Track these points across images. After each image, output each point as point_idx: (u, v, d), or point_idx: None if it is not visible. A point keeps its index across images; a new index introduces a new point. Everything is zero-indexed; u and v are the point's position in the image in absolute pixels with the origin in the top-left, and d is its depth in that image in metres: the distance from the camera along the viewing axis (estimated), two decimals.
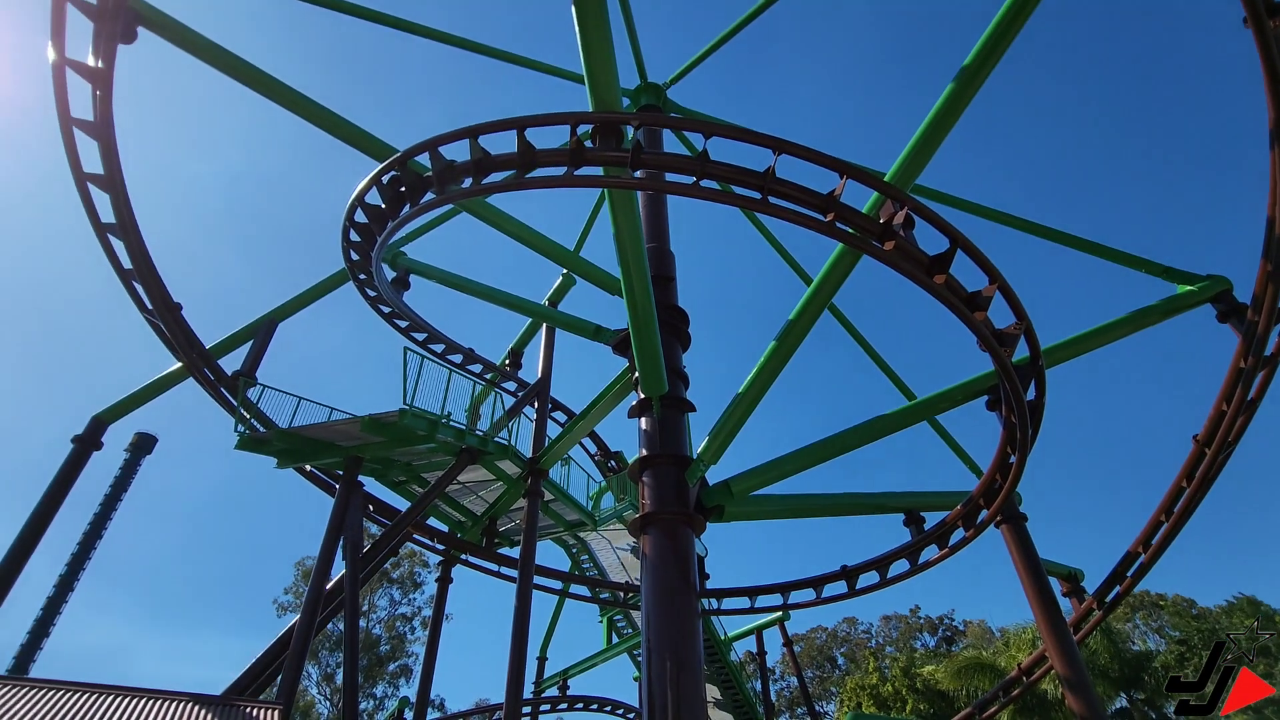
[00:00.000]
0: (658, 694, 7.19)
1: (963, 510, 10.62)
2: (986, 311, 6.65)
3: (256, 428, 13.18)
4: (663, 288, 11.51)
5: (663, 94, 16.83)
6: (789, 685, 55.58)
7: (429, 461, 14.49)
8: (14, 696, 7.27)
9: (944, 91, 7.57)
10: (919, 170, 7.80)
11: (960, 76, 7.47)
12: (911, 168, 7.70)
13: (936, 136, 7.66)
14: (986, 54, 7.40)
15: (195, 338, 13.31)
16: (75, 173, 9.84)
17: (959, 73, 7.52)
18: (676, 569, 8.28)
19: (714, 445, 9.12)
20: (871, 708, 36.85)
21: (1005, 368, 7.04)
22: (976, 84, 7.45)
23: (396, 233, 8.41)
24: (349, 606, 11.69)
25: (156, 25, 9.03)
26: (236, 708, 8.23)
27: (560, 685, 25.52)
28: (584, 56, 6.80)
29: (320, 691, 42.93)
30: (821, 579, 13.22)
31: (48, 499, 12.25)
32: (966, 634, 51.70)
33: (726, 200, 6.52)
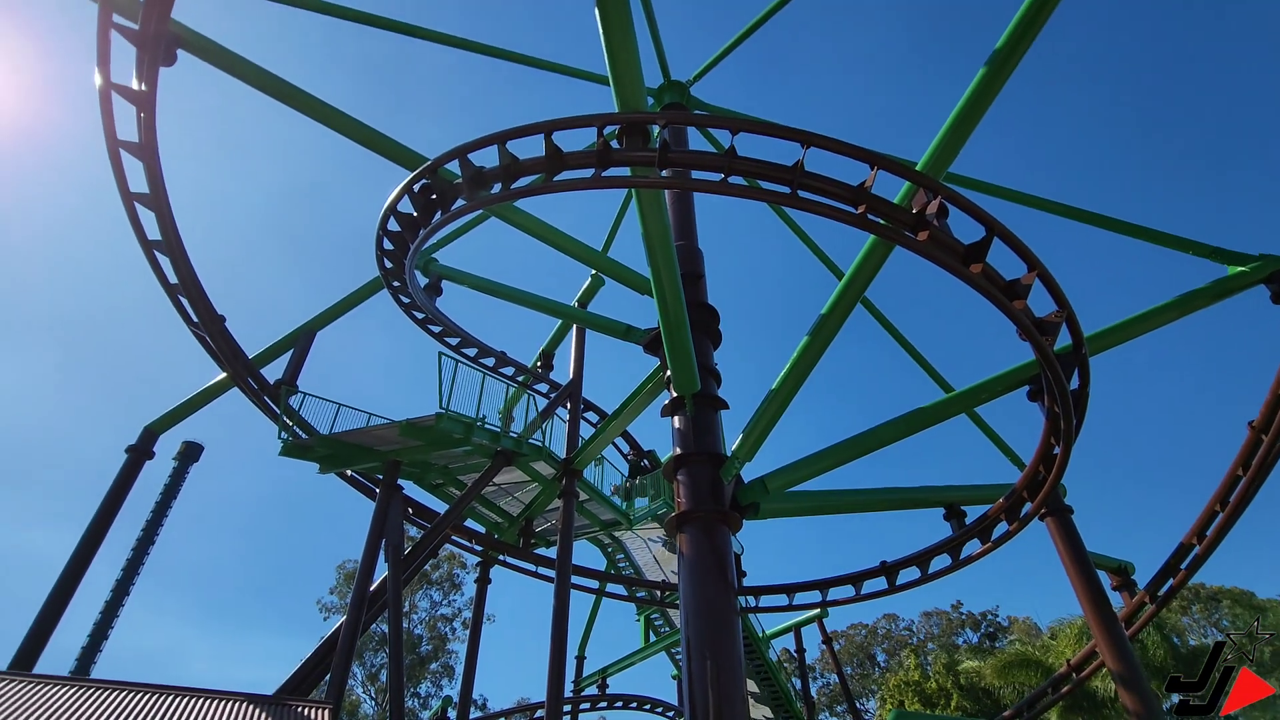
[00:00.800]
0: (698, 693, 7.18)
1: (1005, 503, 10.38)
2: (1026, 300, 6.50)
3: (299, 434, 13.51)
4: (692, 285, 11.49)
5: (687, 92, 16.78)
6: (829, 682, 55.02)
7: (465, 464, 14.70)
8: (78, 697, 7.59)
9: (975, 77, 7.40)
10: (952, 158, 7.64)
11: (992, 60, 7.30)
12: (944, 156, 7.55)
13: (969, 123, 7.49)
14: (1019, 36, 7.21)
15: (239, 349, 13.71)
16: (123, 193, 10.20)
17: (991, 56, 7.34)
18: (714, 567, 8.25)
19: (748, 442, 9.07)
20: (915, 705, 36.24)
21: (1047, 357, 6.87)
22: (1009, 68, 7.27)
23: (428, 240, 8.55)
24: (392, 608, 11.93)
25: (195, 47, 9.32)
26: (289, 707, 8.46)
27: (599, 684, 25.65)
28: (608, 58, 6.82)
29: (366, 691, 43.87)
30: (860, 575, 13.05)
31: (105, 507, 12.77)
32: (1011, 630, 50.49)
33: (755, 196, 6.48)
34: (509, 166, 6.89)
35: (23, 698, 7.16)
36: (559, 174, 6.78)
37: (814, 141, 6.25)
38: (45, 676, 8.10)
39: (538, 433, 14.70)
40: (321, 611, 46.05)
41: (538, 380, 19.86)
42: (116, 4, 8.39)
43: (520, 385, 18.14)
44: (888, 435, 9.65)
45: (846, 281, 8.65)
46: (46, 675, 8.19)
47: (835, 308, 8.83)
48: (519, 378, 19.13)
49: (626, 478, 20.88)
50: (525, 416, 15.43)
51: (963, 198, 6.35)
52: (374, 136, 10.01)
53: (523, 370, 19.38)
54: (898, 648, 56.42)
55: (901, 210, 6.35)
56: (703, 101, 16.93)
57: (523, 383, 18.72)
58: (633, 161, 6.69)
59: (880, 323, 17.54)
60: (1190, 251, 12.06)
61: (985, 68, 7.35)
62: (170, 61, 8.86)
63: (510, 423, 15.06)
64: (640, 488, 22.68)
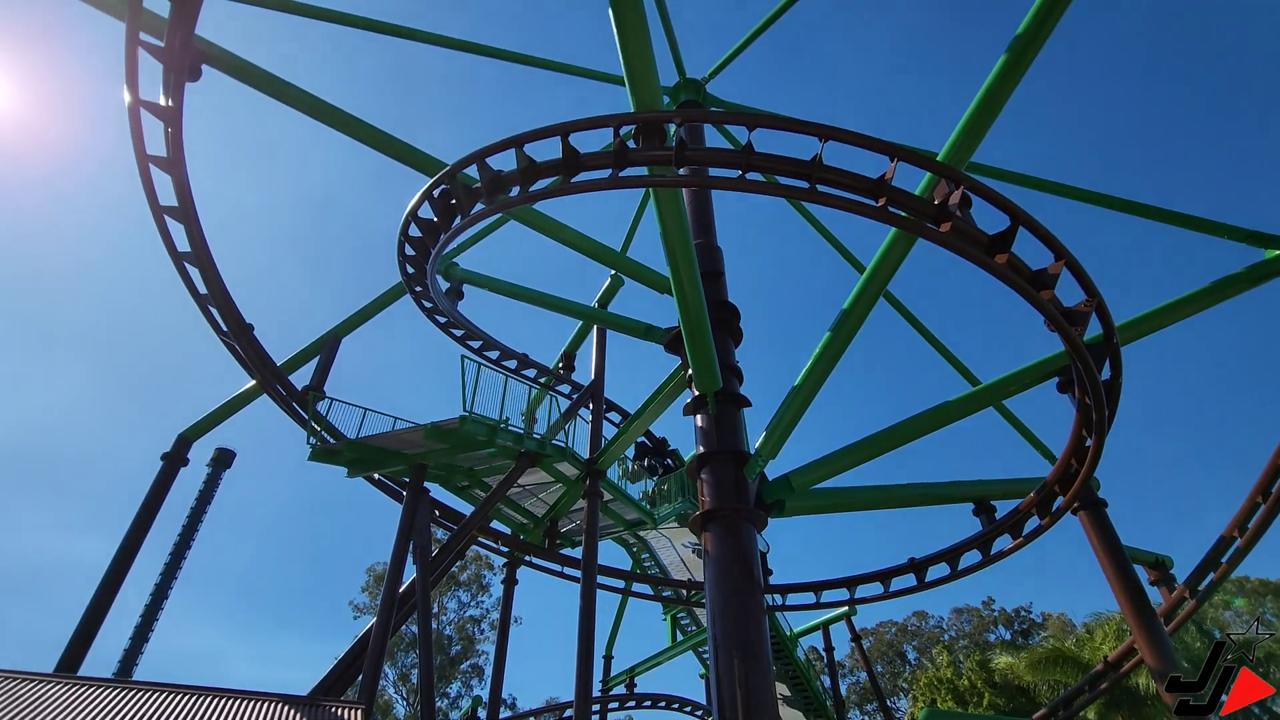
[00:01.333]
0: (727, 692, 7.16)
1: (1036, 498, 10.18)
2: (1054, 290, 6.37)
3: (327, 439, 13.74)
4: (712, 283, 11.46)
5: (703, 89, 16.74)
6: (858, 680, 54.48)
7: (490, 466, 14.81)
8: (122, 699, 7.79)
9: (997, 63, 7.28)
10: (974, 147, 7.52)
11: (1014, 46, 7.18)
12: (965, 145, 7.44)
13: (990, 111, 7.38)
14: (1041, 20, 7.08)
15: (267, 356, 13.97)
16: (153, 207, 10.45)
17: (1012, 42, 7.22)
18: (740, 566, 8.22)
19: (772, 440, 9.02)
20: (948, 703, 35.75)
21: (1077, 347, 6.72)
22: (1032, 53, 7.14)
23: (449, 244, 8.63)
24: (421, 609, 12.06)
25: (219, 62, 9.53)
26: (323, 707, 8.61)
27: (627, 683, 25.69)
28: (623, 58, 6.83)
29: (397, 691, 44.42)
30: (889, 572, 12.89)
31: (142, 513, 13.09)
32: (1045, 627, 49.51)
33: (773, 191, 6.43)
34: (527, 169, 6.93)
35: (69, 699, 7.38)
36: (576, 175, 6.80)
37: (832, 135, 6.19)
38: (90, 679, 8.34)
39: (561, 434, 14.77)
40: (353, 612, 46.79)
41: (560, 381, 19.94)
42: (143, 23, 8.59)
43: (542, 387, 18.23)
44: (914, 430, 9.53)
45: (868, 276, 8.56)
46: (91, 677, 8.43)
47: (857, 302, 8.75)
48: (541, 379, 19.24)
49: (633, 459, 20.68)
50: (548, 418, 15.51)
51: (986, 187, 6.24)
52: (393, 144, 10.14)
53: (545, 372, 19.48)
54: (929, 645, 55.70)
55: (923, 202, 6.27)
56: (719, 98, 16.88)
57: (545, 384, 18.82)
58: (649, 161, 6.70)
59: (904, 317, 17.34)
60: (1225, 235, 11.72)
61: (1006, 54, 7.23)
62: (195, 77, 9.06)
63: (533, 424, 15.16)
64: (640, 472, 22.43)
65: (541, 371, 19.37)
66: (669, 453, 23.06)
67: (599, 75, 16.97)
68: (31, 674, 7.85)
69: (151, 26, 8.72)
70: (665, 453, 21.47)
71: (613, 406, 22.02)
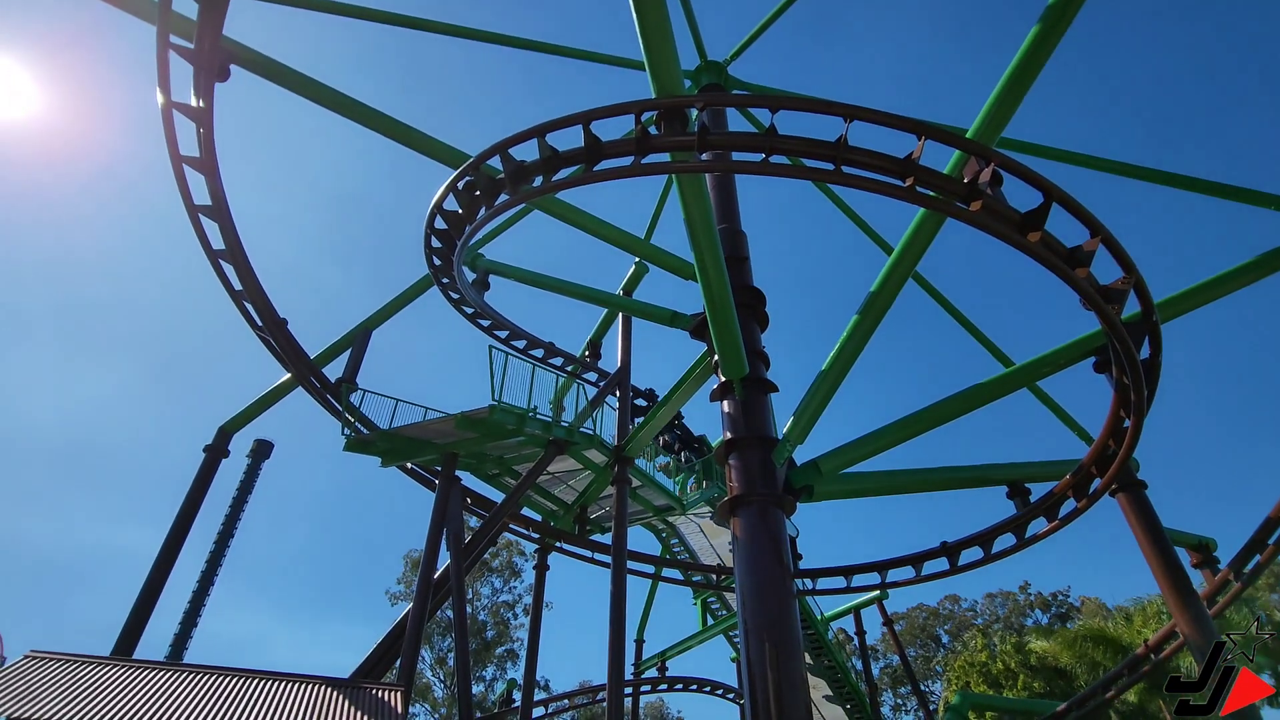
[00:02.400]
0: (758, 676, 7.20)
1: (1072, 480, 9.95)
2: (1089, 267, 6.20)
3: (361, 430, 14.02)
4: (737, 268, 11.35)
5: (724, 71, 16.52)
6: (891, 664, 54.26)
7: (519, 454, 14.99)
8: (175, 680, 8.13)
9: (1028, 35, 7.06)
10: (1004, 122, 7.33)
11: (1046, 16, 6.95)
12: (996, 120, 7.25)
13: (1022, 84, 7.17)
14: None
15: (301, 350, 14.28)
16: (187, 206, 10.71)
17: (1044, 13, 6.99)
18: (769, 551, 8.22)
19: (800, 424, 8.97)
20: (981, 686, 35.43)
21: (1114, 326, 6.54)
22: (1064, 23, 6.91)
23: (474, 236, 8.69)
24: (456, 595, 12.32)
25: (247, 62, 9.68)
26: (364, 690, 8.87)
27: (659, 667, 25.94)
28: (643, 43, 6.77)
29: (434, 674, 45.49)
30: (921, 556, 12.75)
31: (188, 503, 13.55)
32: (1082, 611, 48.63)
33: (798, 174, 6.36)
34: (549, 159, 6.93)
35: (126, 681, 7.72)
36: (599, 164, 6.79)
37: (857, 115, 6.07)
38: (144, 661, 8.71)
39: (588, 421, 14.87)
40: (390, 599, 47.95)
41: (587, 369, 20.04)
42: (173, 25, 8.76)
43: (570, 375, 18.34)
44: (945, 413, 9.38)
45: (896, 257, 8.43)
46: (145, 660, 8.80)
47: (885, 284, 8.62)
48: (568, 367, 19.36)
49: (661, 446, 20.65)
50: (576, 406, 15.62)
51: (1017, 163, 6.09)
52: (418, 137, 10.23)
53: (571, 360, 19.58)
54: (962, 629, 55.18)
55: (952, 180, 6.13)
56: (741, 81, 16.65)
57: (572, 372, 18.93)
58: (672, 147, 6.65)
59: (934, 297, 17.04)
60: (1272, 206, 11.27)
61: (1039, 24, 7.01)
62: (224, 77, 9.23)
63: (561, 412, 15.28)
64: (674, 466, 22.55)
65: (568, 360, 19.48)
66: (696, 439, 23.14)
67: (620, 61, 16.85)
68: (90, 657, 8.22)
69: (181, 29, 8.89)
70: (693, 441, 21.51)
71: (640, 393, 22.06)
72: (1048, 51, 7.02)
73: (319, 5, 12.80)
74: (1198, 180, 11.89)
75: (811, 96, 6.46)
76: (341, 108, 10.23)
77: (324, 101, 10.19)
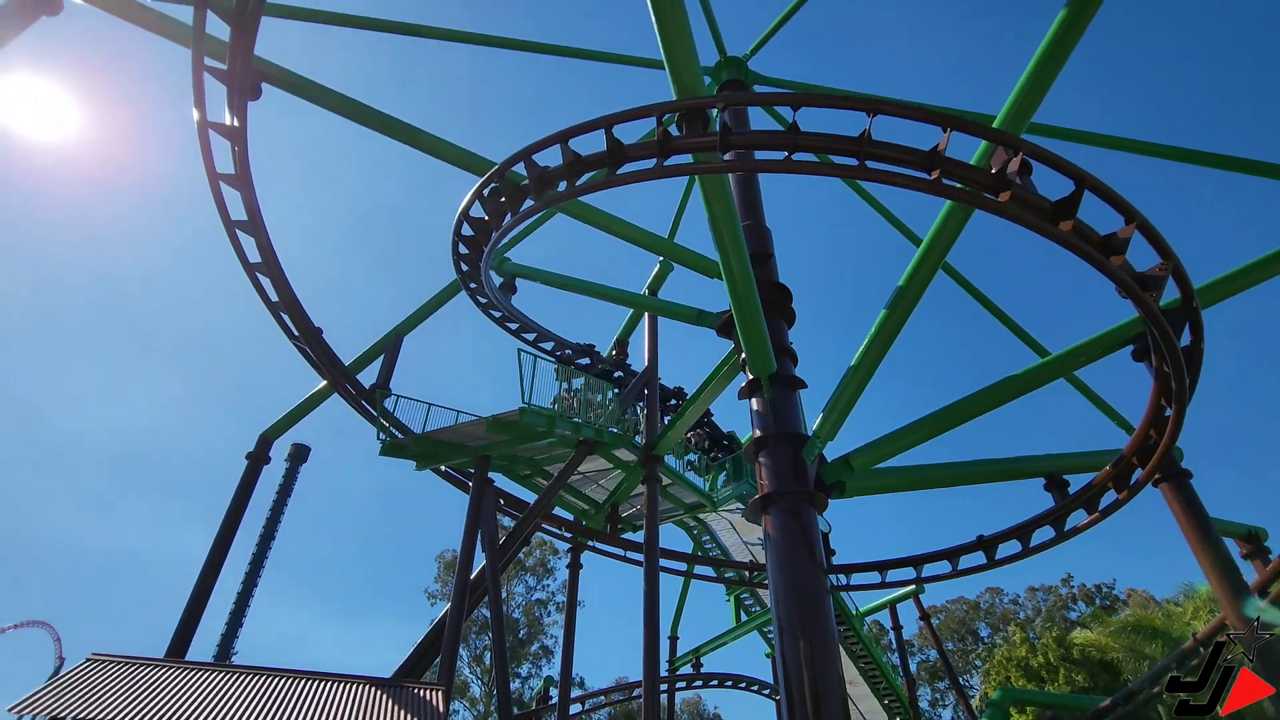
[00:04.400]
0: (793, 673, 7.18)
1: (1113, 471, 9.71)
2: (1125, 255, 6.05)
3: (395, 435, 14.30)
4: (762, 265, 11.30)
5: (745, 67, 16.42)
6: (928, 658, 53.50)
7: (550, 455, 15.15)
8: (225, 681, 8.41)
9: (1056, 19, 6.90)
10: (1033, 109, 7.17)
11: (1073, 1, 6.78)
12: (1024, 107, 7.09)
13: (1050, 70, 7.00)
14: None
15: (336, 358, 14.60)
16: (225, 222, 11.03)
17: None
18: (801, 548, 8.18)
19: (829, 421, 8.91)
20: (1022, 681, 34.76)
21: (1152, 314, 6.38)
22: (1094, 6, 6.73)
23: (500, 241, 8.80)
24: (492, 595, 12.51)
25: (277, 80, 9.93)
26: (405, 688, 9.08)
27: (694, 663, 25.98)
28: (662, 44, 6.78)
29: (472, 672, 46.16)
30: (956, 550, 12.58)
31: (233, 508, 13.98)
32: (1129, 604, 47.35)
33: (821, 171, 6.32)
34: (573, 164, 6.98)
35: (179, 682, 8.01)
36: (621, 167, 6.82)
37: (880, 109, 6.01)
38: (196, 663, 9.02)
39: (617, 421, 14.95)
40: (428, 599, 48.80)
41: (615, 369, 20.13)
42: (207, 48, 9.03)
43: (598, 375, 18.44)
44: (979, 405, 9.22)
45: (924, 249, 8.30)
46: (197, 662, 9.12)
47: (914, 277, 8.49)
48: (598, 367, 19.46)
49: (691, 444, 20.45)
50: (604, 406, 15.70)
51: (1046, 151, 5.96)
52: (443, 146, 10.38)
53: (599, 360, 19.68)
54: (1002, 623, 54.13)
55: (979, 171, 6.03)
56: (763, 75, 16.53)
57: (600, 372, 19.04)
58: (693, 148, 6.64)
59: (965, 288, 16.74)
60: None
61: (1066, 8, 6.84)
62: (256, 95, 9.47)
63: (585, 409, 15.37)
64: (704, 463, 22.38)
65: (596, 360, 19.59)
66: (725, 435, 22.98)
67: (640, 61, 16.85)
68: (148, 660, 8.55)
69: (214, 51, 9.16)
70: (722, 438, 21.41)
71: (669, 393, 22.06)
72: (1077, 35, 6.85)
73: (343, 21, 13.05)
74: (1239, 159, 11.48)
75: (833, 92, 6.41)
76: (368, 120, 10.43)
77: (351, 115, 10.40)
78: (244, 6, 8.43)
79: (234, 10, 8.41)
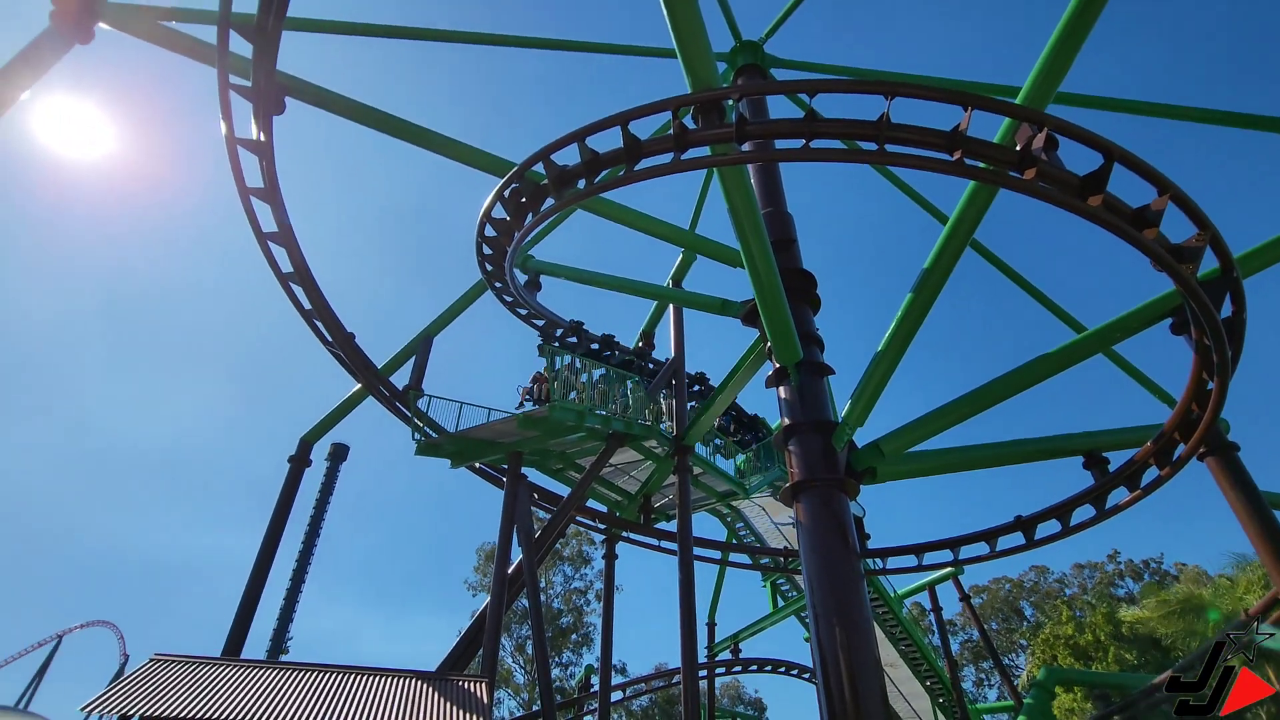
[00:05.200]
0: (830, 660, 7.21)
1: (1154, 447, 9.47)
2: (1159, 227, 5.89)
3: (430, 434, 14.59)
4: (785, 252, 11.20)
5: (760, 50, 16.21)
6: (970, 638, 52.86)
7: (582, 449, 15.32)
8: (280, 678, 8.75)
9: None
10: (1057, 82, 6.97)
11: None
12: (1048, 81, 6.91)
13: (1075, 38, 6.80)
14: None
15: (369, 361, 14.92)
16: (256, 234, 11.32)
17: None
18: (835, 535, 8.17)
19: (858, 407, 8.84)
20: (1069, 660, 34.17)
21: (1189, 287, 6.20)
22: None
23: (523, 240, 8.90)
24: (530, 588, 12.75)
25: (300, 93, 10.14)
26: (451, 681, 9.34)
27: (733, 649, 26.13)
28: (674, 36, 6.76)
29: (515, 661, 47.08)
30: (994, 531, 12.41)
31: (278, 511, 14.44)
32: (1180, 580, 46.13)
33: (840, 158, 6.26)
34: (590, 162, 7.02)
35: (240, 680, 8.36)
36: (639, 163, 6.83)
37: (898, 90, 5.92)
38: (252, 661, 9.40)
39: (646, 412, 15.04)
40: (468, 590, 49.84)
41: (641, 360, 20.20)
42: (231, 65, 9.26)
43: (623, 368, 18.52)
44: (1014, 384, 9.06)
45: (950, 228, 8.15)
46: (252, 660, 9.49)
47: (940, 257, 8.35)
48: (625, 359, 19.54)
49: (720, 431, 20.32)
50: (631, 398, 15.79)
51: (1073, 125, 5.80)
52: (463, 150, 10.51)
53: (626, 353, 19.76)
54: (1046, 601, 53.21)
55: (1003, 149, 5.90)
56: (779, 58, 16.31)
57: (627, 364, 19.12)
58: (710, 140, 6.61)
59: (994, 264, 16.39)
60: None
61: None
62: (280, 110, 9.68)
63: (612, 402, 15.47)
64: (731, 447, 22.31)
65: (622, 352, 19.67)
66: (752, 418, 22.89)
67: (653, 51, 16.74)
68: (207, 659, 8.94)
69: (238, 68, 9.39)
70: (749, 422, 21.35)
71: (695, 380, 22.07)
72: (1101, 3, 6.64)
73: (360, 30, 13.23)
74: (1274, 119, 11.01)
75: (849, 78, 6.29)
76: (389, 127, 10.60)
77: (373, 123, 10.58)
78: (265, 24, 8.61)
79: (255, 28, 8.60)
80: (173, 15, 10.59)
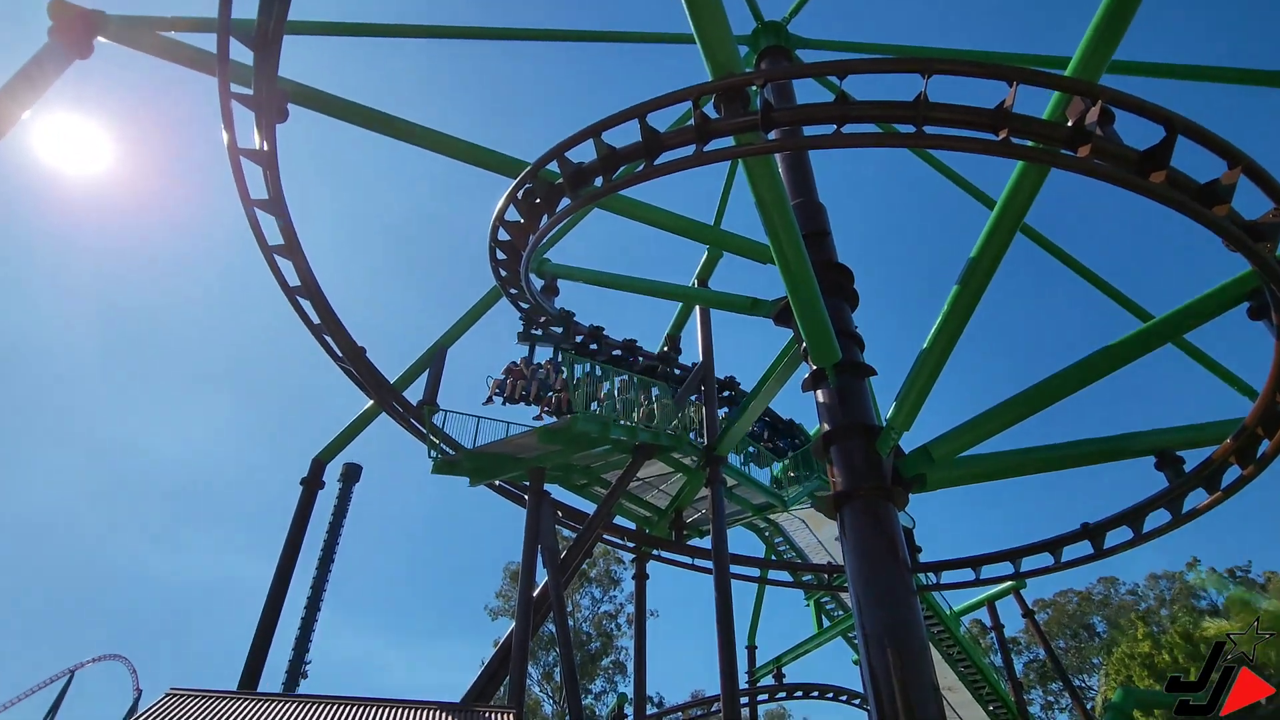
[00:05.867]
0: (882, 684, 7.09)
1: (1234, 444, 9.16)
2: (1230, 203, 5.72)
3: (446, 451, 14.73)
4: (817, 245, 11.12)
5: (784, 31, 16.15)
6: (1036, 657, 51.63)
7: (607, 462, 15.34)
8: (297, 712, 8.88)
9: None
10: (1111, 49, 6.83)
11: None
12: (1100, 49, 6.77)
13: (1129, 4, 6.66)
14: None
15: (381, 376, 15.13)
16: (262, 247, 11.58)
17: None
18: (882, 549, 8.06)
19: (904, 410, 8.72)
20: (1147, 680, 33.18)
21: (1267, 267, 6.03)
22: None
23: (539, 243, 8.96)
24: (556, 612, 12.77)
25: (303, 99, 10.38)
26: (477, 713, 9.39)
27: (775, 674, 25.84)
28: (692, 19, 6.77)
29: (543, 690, 47.15)
30: (1059, 540, 12.13)
31: (291, 536, 14.69)
32: (1269, 588, 44.55)
33: (875, 143, 6.22)
34: (607, 158, 7.03)
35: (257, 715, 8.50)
36: (659, 157, 6.83)
37: (935, 68, 5.84)
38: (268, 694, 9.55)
39: (674, 422, 15.01)
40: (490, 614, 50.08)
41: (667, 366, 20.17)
42: (232, 74, 9.50)
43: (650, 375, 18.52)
44: (1075, 380, 8.85)
45: (998, 215, 8.02)
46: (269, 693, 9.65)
47: (988, 245, 8.22)
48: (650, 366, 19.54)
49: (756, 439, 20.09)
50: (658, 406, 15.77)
51: (1129, 96, 5.68)
52: (473, 151, 10.66)
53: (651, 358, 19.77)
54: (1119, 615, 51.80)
55: (1054, 126, 5.80)
56: (805, 38, 16.23)
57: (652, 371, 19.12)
58: (733, 130, 6.60)
59: (1048, 250, 16.08)
60: None
61: None
62: (284, 118, 9.90)
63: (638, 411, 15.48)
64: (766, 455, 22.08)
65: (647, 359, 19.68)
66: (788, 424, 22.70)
67: (670, 37, 16.80)
68: (224, 692, 9.10)
69: (240, 77, 9.62)
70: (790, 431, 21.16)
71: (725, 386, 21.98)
72: None
73: (363, 31, 13.50)
74: None
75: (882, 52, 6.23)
76: (395, 131, 10.79)
77: (378, 127, 10.78)
78: (265, 30, 8.82)
79: (255, 36, 8.81)
80: (172, 25, 10.91)
